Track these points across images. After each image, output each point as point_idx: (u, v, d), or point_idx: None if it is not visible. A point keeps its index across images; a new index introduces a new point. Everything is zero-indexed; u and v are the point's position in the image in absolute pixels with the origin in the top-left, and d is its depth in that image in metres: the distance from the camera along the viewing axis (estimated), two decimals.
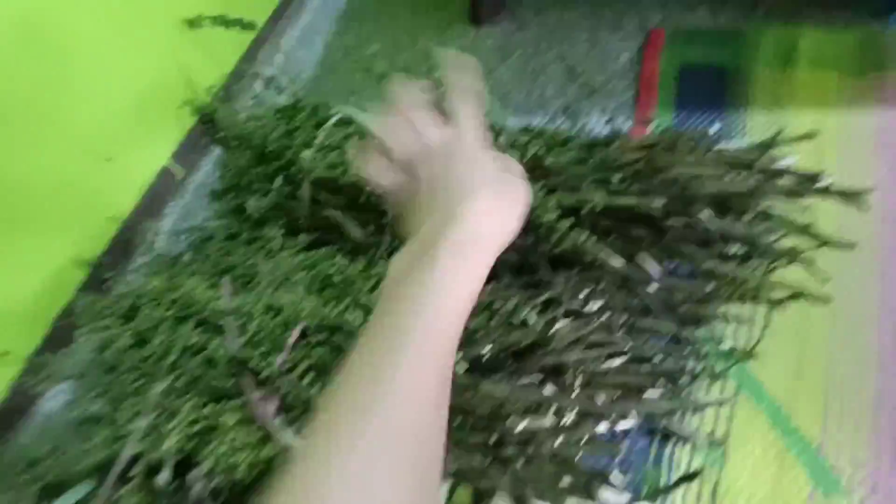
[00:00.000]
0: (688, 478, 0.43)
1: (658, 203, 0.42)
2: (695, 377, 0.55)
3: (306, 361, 0.48)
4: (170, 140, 0.96)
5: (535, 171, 0.48)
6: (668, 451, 0.54)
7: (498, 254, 0.29)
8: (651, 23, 0.90)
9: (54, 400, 0.75)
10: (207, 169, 1.01)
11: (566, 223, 0.44)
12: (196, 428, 0.48)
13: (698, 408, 0.51)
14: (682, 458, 0.53)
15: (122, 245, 0.88)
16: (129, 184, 0.91)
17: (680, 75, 0.79)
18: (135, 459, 0.49)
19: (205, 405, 0.49)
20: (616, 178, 0.46)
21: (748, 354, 0.56)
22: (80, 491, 0.54)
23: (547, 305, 0.46)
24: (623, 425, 0.52)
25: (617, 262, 0.44)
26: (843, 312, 0.57)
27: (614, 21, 0.93)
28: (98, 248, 0.85)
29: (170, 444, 0.47)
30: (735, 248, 0.51)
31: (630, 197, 0.44)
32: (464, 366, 0.39)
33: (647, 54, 0.84)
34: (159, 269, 0.77)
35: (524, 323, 0.43)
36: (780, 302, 0.50)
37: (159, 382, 0.51)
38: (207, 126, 0.97)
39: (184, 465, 0.49)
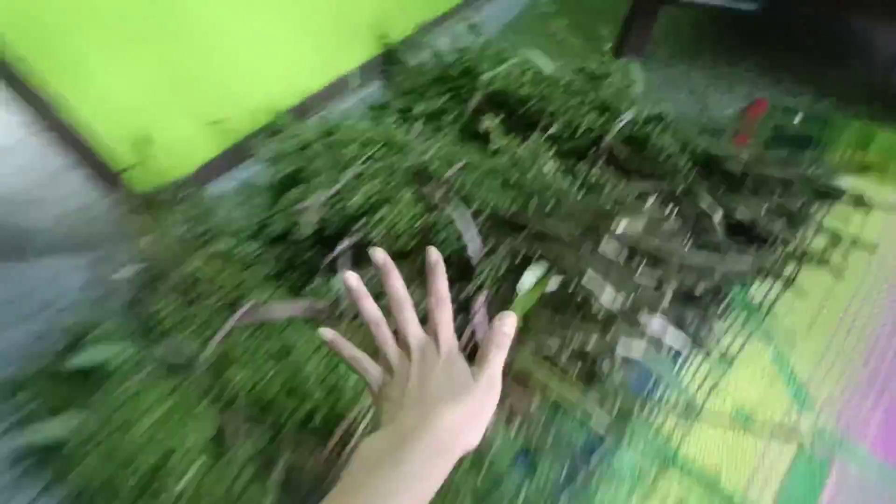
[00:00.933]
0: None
1: (744, 156, 0.61)
2: (722, 311, 0.71)
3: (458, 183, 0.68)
4: (357, 57, 1.23)
5: (659, 121, 0.68)
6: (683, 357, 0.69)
7: (458, 458, 0.33)
8: (758, 95, 1.11)
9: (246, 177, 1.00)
10: (371, 91, 1.27)
11: (677, 146, 0.63)
12: (374, 198, 0.67)
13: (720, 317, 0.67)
14: (694, 365, 0.68)
15: (299, 113, 1.13)
16: (322, 69, 1.18)
17: (772, 134, 0.99)
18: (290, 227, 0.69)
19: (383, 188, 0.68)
20: (722, 136, 0.64)
21: (769, 308, 0.71)
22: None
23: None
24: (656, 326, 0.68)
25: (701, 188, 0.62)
26: (857, 298, 0.72)
27: (728, 86, 1.15)
28: (287, 105, 1.11)
29: (354, 200, 0.67)
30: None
31: (725, 146, 0.62)
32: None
33: (748, 114, 1.04)
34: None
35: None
36: (809, 260, 0.65)
37: (349, 168, 0.72)
38: (389, 56, 1.23)
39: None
